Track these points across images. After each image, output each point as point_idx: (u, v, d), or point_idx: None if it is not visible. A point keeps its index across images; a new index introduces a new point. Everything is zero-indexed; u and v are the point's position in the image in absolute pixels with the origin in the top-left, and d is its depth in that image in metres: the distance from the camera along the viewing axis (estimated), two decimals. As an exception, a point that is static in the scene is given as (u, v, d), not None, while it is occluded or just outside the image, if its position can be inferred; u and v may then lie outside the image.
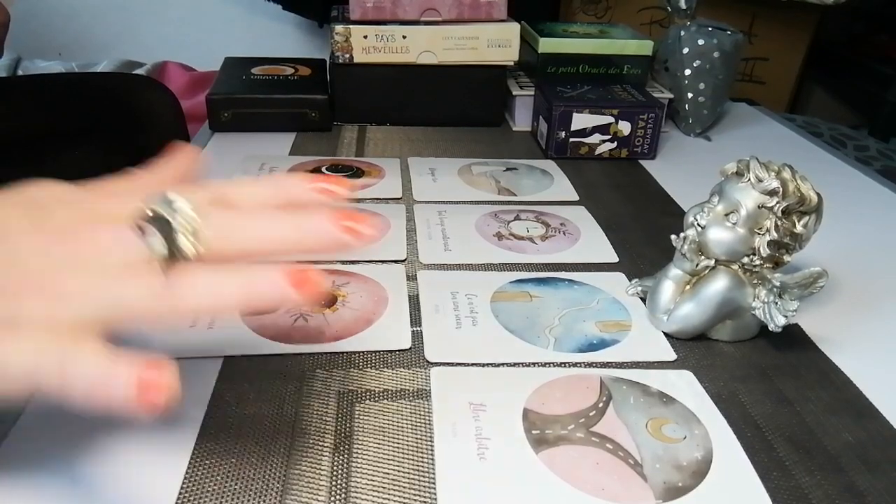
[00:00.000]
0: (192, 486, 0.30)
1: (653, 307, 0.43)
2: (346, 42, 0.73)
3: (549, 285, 0.47)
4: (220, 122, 0.73)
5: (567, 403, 0.36)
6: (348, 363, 0.39)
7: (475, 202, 0.60)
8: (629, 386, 0.38)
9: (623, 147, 0.70)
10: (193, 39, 1.47)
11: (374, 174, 0.64)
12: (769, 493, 0.32)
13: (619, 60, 0.78)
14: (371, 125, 0.78)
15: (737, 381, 0.39)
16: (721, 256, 0.41)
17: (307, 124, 0.74)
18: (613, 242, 0.54)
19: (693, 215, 0.42)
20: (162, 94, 0.92)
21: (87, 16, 1.47)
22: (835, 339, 0.44)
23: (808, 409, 0.37)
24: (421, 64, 0.75)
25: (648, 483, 0.32)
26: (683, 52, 0.77)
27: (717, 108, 0.80)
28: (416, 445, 0.33)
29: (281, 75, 0.79)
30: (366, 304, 0.44)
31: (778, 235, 0.40)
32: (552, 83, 0.75)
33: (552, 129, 0.69)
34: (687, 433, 0.35)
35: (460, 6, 0.73)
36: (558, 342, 0.41)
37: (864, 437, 0.35)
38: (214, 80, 0.77)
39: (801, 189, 0.40)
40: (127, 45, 1.46)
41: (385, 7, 0.72)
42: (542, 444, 0.34)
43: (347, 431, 0.34)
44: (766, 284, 0.40)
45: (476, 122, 0.79)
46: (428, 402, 0.36)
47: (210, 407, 0.35)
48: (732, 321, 0.42)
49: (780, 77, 1.26)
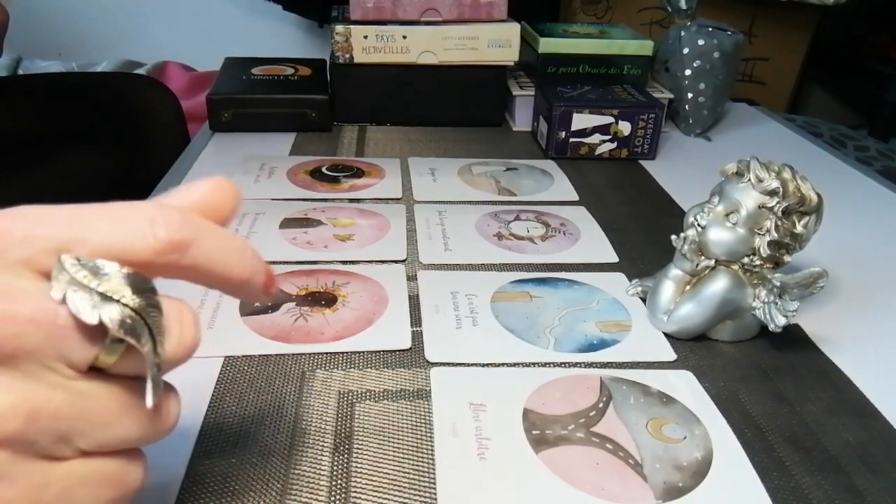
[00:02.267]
0: (192, 486, 0.30)
1: (653, 307, 0.43)
2: (346, 42, 0.73)
3: (549, 285, 0.47)
4: (220, 122, 0.73)
5: (567, 403, 0.36)
6: (348, 363, 0.39)
7: (475, 202, 0.60)
8: (629, 386, 0.38)
9: (623, 147, 0.70)
10: (193, 39, 1.48)
11: (374, 174, 0.64)
12: (769, 493, 0.32)
13: (620, 60, 0.78)
14: (371, 125, 0.78)
15: (737, 381, 0.39)
16: (721, 256, 0.41)
17: (307, 124, 0.74)
18: (613, 242, 0.54)
19: (693, 215, 0.42)
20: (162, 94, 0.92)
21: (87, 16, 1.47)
22: (835, 339, 0.44)
23: (808, 409, 0.37)
24: (421, 64, 0.75)
25: (648, 483, 0.32)
26: (684, 52, 0.77)
27: (718, 108, 0.80)
28: (416, 445, 0.33)
29: (281, 75, 0.79)
30: (366, 304, 0.44)
31: (778, 235, 0.40)
32: (552, 83, 0.75)
33: (552, 129, 0.69)
34: (687, 433, 0.35)
35: (460, 6, 0.73)
36: (558, 342, 0.41)
37: (864, 437, 0.35)
38: (214, 80, 0.77)
39: (801, 189, 0.41)
40: (127, 45, 1.47)
41: (385, 7, 0.72)
42: (542, 444, 0.34)
43: (347, 431, 0.34)
44: (766, 284, 0.40)
45: (476, 122, 0.79)
46: (428, 402, 0.36)
47: (210, 407, 0.35)
48: (732, 321, 0.42)
49: (780, 77, 1.26)
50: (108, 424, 0.21)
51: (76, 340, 0.20)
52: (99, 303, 0.19)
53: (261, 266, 0.24)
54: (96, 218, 0.21)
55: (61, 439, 0.20)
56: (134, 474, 0.23)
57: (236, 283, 0.24)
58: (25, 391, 0.19)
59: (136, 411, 0.21)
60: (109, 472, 0.22)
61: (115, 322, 0.19)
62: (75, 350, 0.20)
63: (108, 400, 0.21)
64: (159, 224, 0.21)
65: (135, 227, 0.21)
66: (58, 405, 0.20)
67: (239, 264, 0.23)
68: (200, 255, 0.22)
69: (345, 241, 0.52)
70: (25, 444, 0.19)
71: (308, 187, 0.61)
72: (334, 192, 0.60)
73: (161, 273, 0.22)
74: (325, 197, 0.59)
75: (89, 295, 0.19)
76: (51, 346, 0.19)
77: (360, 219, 0.55)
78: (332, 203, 0.58)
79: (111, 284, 0.19)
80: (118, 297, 0.19)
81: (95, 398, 0.21)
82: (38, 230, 0.20)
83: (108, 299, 0.19)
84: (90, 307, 0.19)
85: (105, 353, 0.20)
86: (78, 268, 0.19)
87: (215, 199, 0.24)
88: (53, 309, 0.19)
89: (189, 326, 0.22)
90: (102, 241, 0.20)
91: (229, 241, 0.23)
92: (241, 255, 0.23)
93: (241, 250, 0.23)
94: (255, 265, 0.24)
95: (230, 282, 0.23)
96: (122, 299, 0.19)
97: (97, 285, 0.19)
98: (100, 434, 0.21)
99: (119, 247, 0.21)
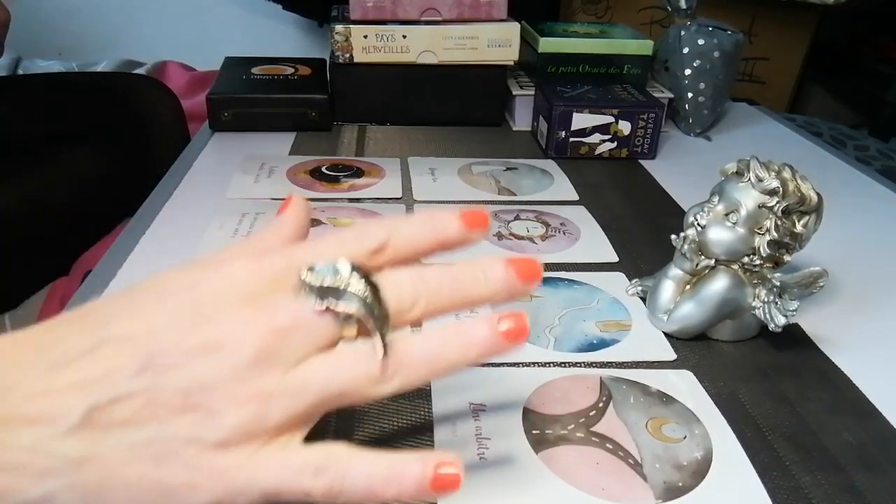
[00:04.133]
0: (192, 486, 0.30)
1: (653, 307, 0.43)
2: (346, 42, 0.73)
3: (549, 285, 0.47)
4: (220, 121, 0.73)
5: (567, 403, 0.36)
6: (348, 363, 0.39)
7: (475, 202, 0.60)
8: (629, 386, 0.38)
9: (623, 147, 0.70)
10: (193, 39, 1.48)
11: (374, 174, 0.64)
12: (769, 493, 0.32)
13: (620, 60, 0.78)
14: (371, 125, 0.78)
15: (737, 381, 0.39)
16: (721, 256, 0.41)
17: (307, 124, 0.74)
18: (613, 242, 0.54)
19: (693, 215, 0.42)
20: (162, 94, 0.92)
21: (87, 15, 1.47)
22: (835, 339, 0.44)
23: (808, 409, 0.37)
24: (421, 64, 0.75)
25: (648, 483, 0.32)
26: (684, 51, 0.77)
27: (717, 107, 0.80)
28: (416, 445, 0.33)
29: (281, 75, 0.79)
30: (366, 304, 0.44)
31: (778, 235, 0.40)
32: (552, 83, 0.75)
33: (552, 129, 0.69)
34: (687, 433, 0.35)
35: (460, 6, 0.73)
36: (558, 342, 0.41)
37: (864, 437, 0.35)
38: (214, 79, 0.77)
39: (801, 189, 0.41)
40: (127, 44, 1.47)
41: (385, 7, 0.72)
42: (542, 444, 0.34)
43: (347, 431, 0.34)
44: (766, 284, 0.40)
45: (476, 122, 0.79)
46: (428, 402, 0.36)
47: (210, 407, 0.35)
48: (732, 321, 0.42)
49: (780, 77, 1.26)
50: (354, 379, 0.25)
51: (321, 325, 0.25)
52: (325, 294, 0.24)
53: (448, 219, 0.28)
54: (324, 242, 0.27)
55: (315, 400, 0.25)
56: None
57: (439, 245, 0.28)
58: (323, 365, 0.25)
59: (376, 367, 0.25)
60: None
61: (336, 304, 0.24)
62: (323, 332, 0.25)
63: (350, 363, 0.25)
64: (365, 236, 0.27)
65: (351, 242, 0.27)
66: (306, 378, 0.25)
67: (428, 232, 0.27)
68: (399, 243, 0.27)
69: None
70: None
71: (308, 187, 0.61)
72: (334, 192, 0.60)
73: (379, 268, 0.26)
74: (325, 197, 0.59)
75: (318, 291, 0.24)
76: (305, 336, 0.25)
77: (360, 218, 0.55)
78: (332, 203, 0.58)
79: (334, 277, 0.25)
80: (337, 285, 0.24)
81: (341, 363, 0.25)
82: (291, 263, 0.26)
83: (330, 290, 0.24)
84: (319, 299, 0.24)
85: (344, 329, 0.25)
86: (310, 273, 0.25)
87: (300, 219, 0.30)
88: (300, 308, 0.25)
89: (401, 287, 0.26)
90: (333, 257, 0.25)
91: (416, 218, 0.28)
92: (425, 222, 0.28)
93: (426, 219, 0.28)
94: (442, 223, 0.27)
95: (433, 247, 0.28)
96: (341, 286, 0.24)
97: (322, 281, 0.25)
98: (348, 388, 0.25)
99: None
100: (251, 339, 0.24)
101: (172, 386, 0.23)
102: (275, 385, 0.24)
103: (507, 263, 0.27)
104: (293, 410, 0.24)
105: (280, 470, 0.24)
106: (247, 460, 0.23)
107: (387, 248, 0.27)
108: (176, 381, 0.23)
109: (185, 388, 0.23)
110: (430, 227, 0.28)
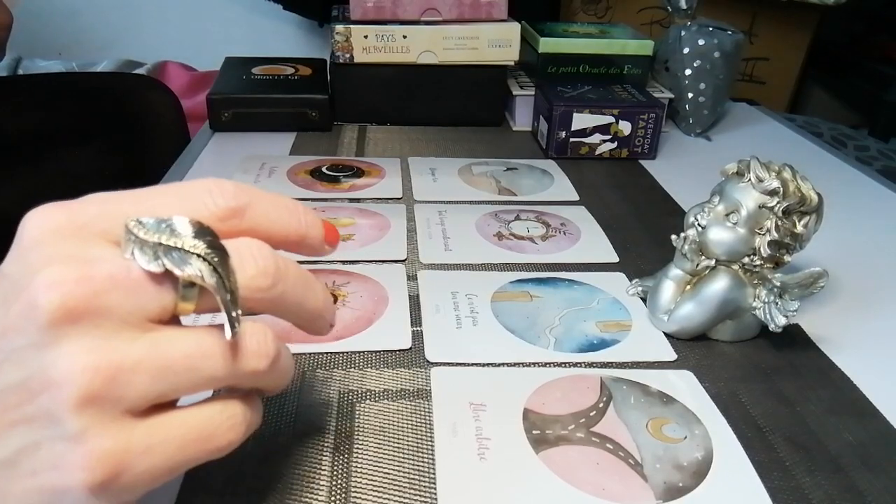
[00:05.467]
0: (192, 486, 0.30)
1: (653, 307, 0.43)
2: (346, 42, 0.73)
3: (549, 285, 0.47)
4: (220, 121, 0.73)
5: (567, 403, 0.36)
6: (348, 363, 0.39)
7: (475, 202, 0.60)
8: (629, 386, 0.38)
9: (623, 147, 0.70)
10: (193, 39, 1.47)
11: (374, 174, 0.64)
12: (769, 493, 0.32)
13: (620, 60, 0.78)
14: (371, 125, 0.78)
15: (737, 381, 0.39)
16: (721, 256, 0.41)
17: (307, 124, 0.74)
18: (613, 242, 0.54)
19: (693, 215, 0.42)
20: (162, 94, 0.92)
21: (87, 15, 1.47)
22: (835, 339, 0.44)
23: (808, 409, 0.37)
24: (421, 64, 0.75)
25: (649, 483, 0.32)
26: (684, 52, 0.77)
27: (718, 108, 0.80)
28: (416, 445, 0.33)
29: (281, 75, 0.79)
30: (366, 304, 0.44)
31: (778, 235, 0.40)
32: (552, 83, 0.75)
33: (552, 129, 0.69)
34: (687, 433, 0.35)
35: (461, 6, 0.73)
36: (558, 342, 0.41)
37: (864, 437, 0.35)
38: (215, 79, 0.77)
39: (801, 189, 0.41)
40: (127, 44, 1.46)
41: (385, 7, 0.72)
42: (542, 444, 0.34)
43: (347, 431, 0.34)
44: (766, 284, 0.40)
45: (476, 122, 0.79)
46: (428, 402, 0.36)
47: (210, 407, 0.35)
48: (733, 321, 0.42)
49: (780, 77, 1.26)
50: (192, 368, 0.22)
51: (151, 292, 0.21)
52: (161, 253, 0.21)
53: (315, 220, 0.26)
54: (160, 194, 0.23)
55: (150, 391, 0.21)
56: (241, 416, 0.24)
57: (296, 239, 0.25)
58: (104, 348, 0.20)
59: (220, 349, 0.22)
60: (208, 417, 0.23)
61: (177, 266, 0.21)
62: (152, 300, 0.21)
63: (190, 344, 0.22)
64: (217, 194, 0.23)
65: (196, 199, 0.23)
66: (138, 357, 0.21)
67: (293, 220, 0.25)
68: (257, 216, 0.24)
69: (345, 240, 0.52)
70: (113, 401, 0.20)
71: (308, 187, 0.61)
72: (334, 192, 0.60)
73: (225, 237, 0.23)
74: (325, 197, 0.59)
75: (152, 248, 0.21)
76: (128, 301, 0.21)
77: (361, 218, 0.55)
78: (332, 203, 0.58)
79: (171, 236, 0.21)
80: (179, 245, 0.21)
81: (177, 343, 0.21)
82: (111, 208, 0.22)
83: (169, 248, 0.21)
84: (153, 258, 0.21)
85: (182, 300, 0.21)
86: (140, 227, 0.21)
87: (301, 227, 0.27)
88: (126, 266, 0.21)
89: (263, 259, 0.23)
90: (169, 213, 0.22)
91: (281, 201, 0.25)
92: (293, 211, 0.25)
93: (293, 208, 0.26)
94: (309, 219, 0.26)
95: (290, 238, 0.25)
96: (183, 246, 0.21)
97: (158, 238, 0.21)
98: (185, 379, 0.22)
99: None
100: (57, 297, 0.20)
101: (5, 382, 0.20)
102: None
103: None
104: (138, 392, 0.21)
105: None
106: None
107: (243, 215, 0.23)
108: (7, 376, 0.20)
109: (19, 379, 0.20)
110: (295, 217, 0.25)
